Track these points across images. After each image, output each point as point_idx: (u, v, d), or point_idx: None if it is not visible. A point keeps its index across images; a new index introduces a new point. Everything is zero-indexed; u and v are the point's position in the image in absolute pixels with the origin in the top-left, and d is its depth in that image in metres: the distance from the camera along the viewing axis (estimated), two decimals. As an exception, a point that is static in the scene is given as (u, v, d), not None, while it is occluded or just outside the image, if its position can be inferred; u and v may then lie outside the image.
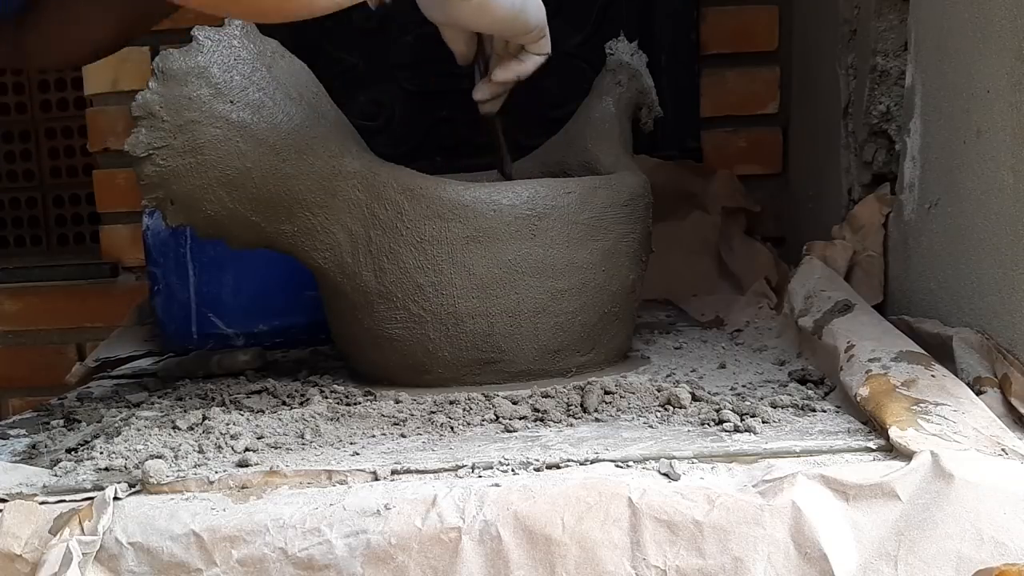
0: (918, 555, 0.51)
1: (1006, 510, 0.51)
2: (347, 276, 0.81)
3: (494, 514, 0.54)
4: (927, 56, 0.83)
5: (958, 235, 0.76)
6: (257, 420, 0.73)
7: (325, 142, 0.77)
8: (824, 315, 0.82)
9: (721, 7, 1.33)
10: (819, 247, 0.96)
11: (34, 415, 0.87)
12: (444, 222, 0.78)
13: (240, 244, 0.80)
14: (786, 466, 0.56)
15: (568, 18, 1.31)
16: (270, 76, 0.76)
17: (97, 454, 0.66)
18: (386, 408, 0.75)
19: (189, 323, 1.10)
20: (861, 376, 0.67)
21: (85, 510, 0.57)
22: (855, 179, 1.00)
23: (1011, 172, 0.67)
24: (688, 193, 1.28)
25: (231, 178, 0.75)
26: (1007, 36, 0.67)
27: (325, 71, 0.83)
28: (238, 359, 0.98)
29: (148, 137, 0.73)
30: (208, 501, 0.58)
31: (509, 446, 0.64)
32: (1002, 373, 0.66)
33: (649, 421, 0.68)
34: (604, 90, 0.97)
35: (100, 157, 1.43)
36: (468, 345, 0.80)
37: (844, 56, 1.02)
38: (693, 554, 0.53)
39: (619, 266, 0.84)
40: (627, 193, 0.84)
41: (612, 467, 0.59)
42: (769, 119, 1.34)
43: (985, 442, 0.56)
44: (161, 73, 0.73)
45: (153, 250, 1.10)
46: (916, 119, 0.86)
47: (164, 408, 0.82)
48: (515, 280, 0.79)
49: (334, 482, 0.59)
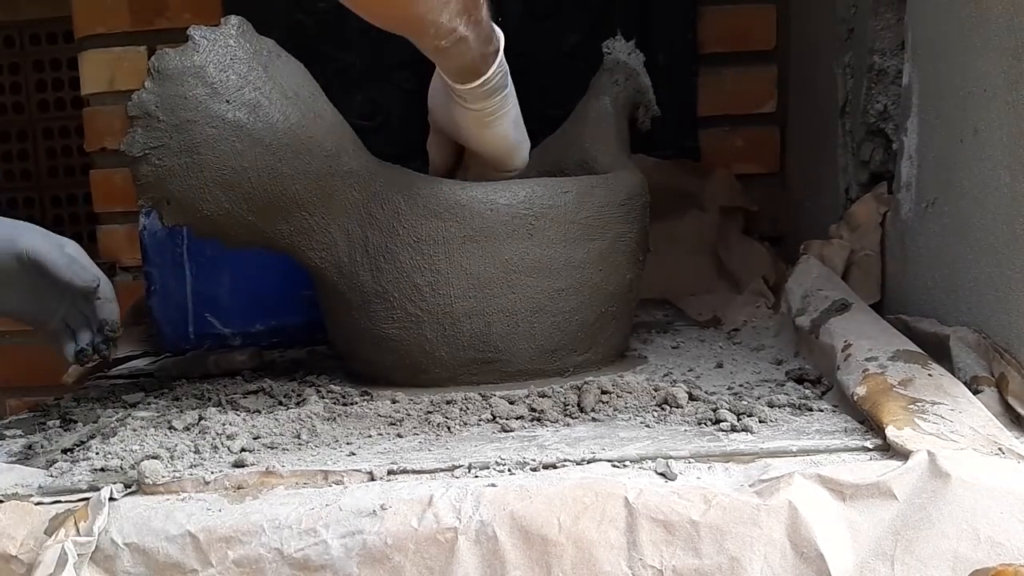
0: (915, 555, 0.51)
1: (1003, 510, 0.51)
2: (344, 276, 0.81)
3: (490, 514, 0.54)
4: (924, 55, 0.83)
5: (955, 234, 0.76)
6: (253, 420, 0.72)
7: (322, 142, 0.77)
8: (821, 314, 0.82)
9: (718, 6, 1.33)
10: (816, 246, 0.96)
11: (30, 415, 0.87)
12: (441, 222, 0.78)
13: (237, 244, 0.80)
14: (783, 466, 0.56)
15: (566, 17, 1.31)
16: (266, 76, 0.76)
17: (93, 454, 0.66)
18: (383, 408, 0.75)
19: (186, 323, 1.09)
20: (858, 375, 0.67)
21: (81, 511, 0.57)
22: (852, 178, 1.00)
23: (1008, 171, 0.67)
24: (686, 192, 1.28)
25: (227, 178, 0.75)
26: (1004, 35, 0.67)
27: (322, 70, 0.83)
28: (235, 359, 0.98)
29: (144, 137, 0.73)
30: (204, 502, 0.58)
31: (506, 446, 0.64)
32: (999, 372, 0.66)
33: (646, 421, 0.68)
34: (602, 89, 0.97)
35: (97, 157, 1.43)
36: (465, 345, 0.80)
37: (841, 55, 1.02)
38: (689, 554, 0.53)
39: (616, 265, 0.84)
40: (624, 192, 0.84)
41: (609, 467, 0.58)
42: (766, 118, 1.34)
43: (982, 441, 0.56)
44: (157, 73, 0.73)
45: (150, 250, 1.10)
46: (913, 118, 0.85)
47: (160, 408, 0.82)
48: (512, 280, 0.79)
49: (330, 482, 0.59)
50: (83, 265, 0.85)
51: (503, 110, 0.80)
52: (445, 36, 0.70)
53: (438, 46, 0.72)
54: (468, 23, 0.71)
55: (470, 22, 0.71)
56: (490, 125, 0.80)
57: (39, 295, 0.85)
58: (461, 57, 0.74)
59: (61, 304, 0.87)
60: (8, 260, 0.82)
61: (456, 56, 0.74)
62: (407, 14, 0.69)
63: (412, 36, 0.72)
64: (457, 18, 0.70)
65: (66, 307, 0.87)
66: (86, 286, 0.84)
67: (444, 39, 0.71)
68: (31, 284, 0.84)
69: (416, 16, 0.69)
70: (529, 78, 0.82)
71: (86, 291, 0.85)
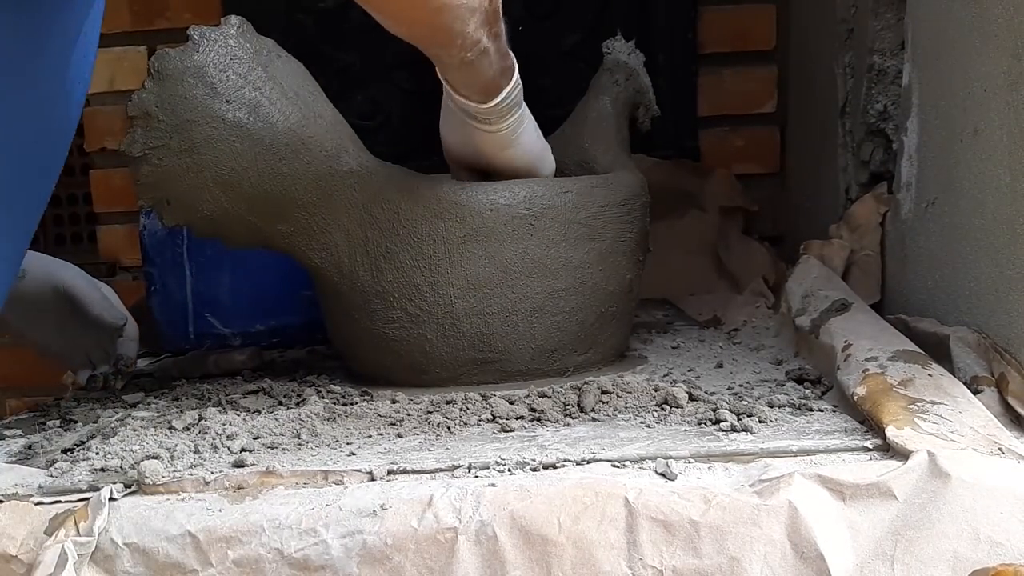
0: (915, 555, 0.51)
1: (1003, 510, 0.51)
2: (344, 276, 0.81)
3: (490, 514, 0.54)
4: (924, 55, 0.83)
5: (955, 234, 0.76)
6: (253, 420, 0.72)
7: (322, 142, 0.77)
8: (821, 314, 0.82)
9: (719, 6, 1.32)
10: (816, 246, 0.96)
11: (30, 415, 0.87)
12: (441, 222, 0.78)
13: (237, 244, 0.80)
14: (783, 466, 0.56)
15: (566, 17, 1.31)
16: (267, 75, 0.76)
17: (93, 454, 0.66)
18: (383, 408, 0.75)
19: (186, 323, 1.09)
20: (858, 375, 0.67)
21: (81, 511, 0.57)
22: (852, 178, 1.00)
23: (1008, 171, 0.67)
24: (685, 192, 1.28)
25: (227, 178, 0.75)
26: (1004, 35, 0.67)
27: (322, 70, 0.83)
28: (235, 359, 0.98)
29: (144, 137, 0.73)
30: (204, 502, 0.58)
31: (506, 446, 0.64)
32: (999, 372, 0.66)
33: (646, 421, 0.68)
34: (601, 89, 0.97)
35: (97, 157, 1.43)
36: (465, 345, 0.80)
37: (841, 55, 1.02)
38: (689, 554, 0.53)
39: (616, 265, 0.84)
40: (624, 192, 0.84)
41: (609, 467, 0.58)
42: (766, 118, 1.34)
43: (982, 441, 0.56)
44: (157, 73, 0.73)
45: (150, 250, 1.10)
46: (913, 118, 0.85)
47: (160, 408, 0.82)
48: (512, 280, 0.79)
49: (330, 482, 0.59)
50: (113, 304, 0.92)
51: (523, 126, 0.79)
52: (471, 47, 0.70)
53: (463, 58, 0.71)
54: (490, 35, 0.71)
55: (491, 34, 0.71)
56: (514, 144, 0.80)
57: (68, 329, 0.91)
58: (484, 72, 0.73)
59: (84, 338, 0.92)
60: (45, 291, 0.88)
61: (480, 71, 0.73)
62: (435, 23, 0.68)
63: (439, 47, 0.71)
64: (481, 29, 0.69)
65: (89, 342, 0.93)
66: (114, 323, 0.91)
67: (470, 50, 0.70)
68: (62, 317, 0.90)
69: (444, 26, 0.68)
70: (529, 78, 0.82)
71: (113, 327, 0.92)
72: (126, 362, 0.93)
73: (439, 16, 0.67)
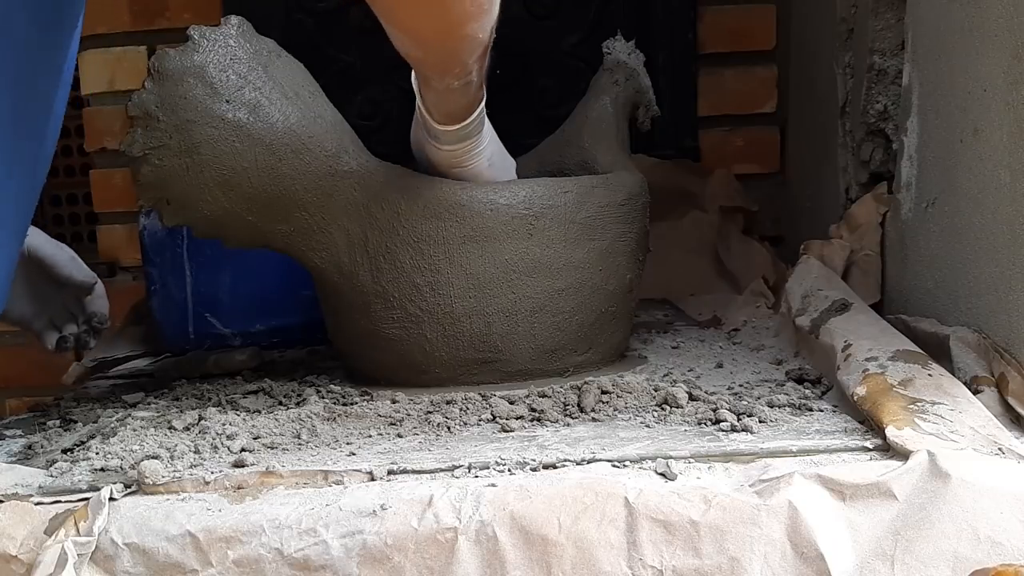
0: (915, 555, 0.51)
1: (1003, 510, 0.51)
2: (344, 276, 0.81)
3: (490, 514, 0.54)
4: (924, 55, 0.83)
5: (955, 234, 0.76)
6: (253, 420, 0.72)
7: (322, 142, 0.77)
8: (821, 314, 0.82)
9: (719, 6, 1.33)
10: (816, 246, 0.96)
11: (30, 415, 0.87)
12: (441, 222, 0.78)
13: (237, 244, 0.80)
14: (783, 466, 0.56)
15: (565, 17, 1.31)
16: (267, 75, 0.76)
17: (93, 454, 0.66)
18: (383, 408, 0.75)
19: (186, 323, 1.09)
20: (858, 375, 0.67)
21: (81, 511, 0.57)
22: (852, 178, 1.00)
23: (1008, 171, 0.67)
24: (686, 192, 1.28)
25: (227, 178, 0.75)
26: (1004, 35, 0.67)
27: (322, 70, 0.83)
28: (235, 359, 0.98)
29: (144, 137, 0.73)
30: (204, 502, 0.58)
31: (506, 446, 0.64)
32: (999, 372, 0.66)
33: (646, 421, 0.68)
34: (601, 89, 0.97)
35: (97, 157, 1.43)
36: (465, 345, 0.80)
37: (841, 55, 1.02)
38: (689, 554, 0.53)
39: (616, 265, 0.84)
40: (624, 192, 0.84)
41: (609, 467, 0.58)
42: (766, 118, 1.34)
43: (982, 441, 0.56)
44: (157, 73, 0.73)
45: (150, 250, 1.10)
46: (913, 118, 0.85)
47: (160, 408, 0.82)
48: (512, 280, 0.79)
49: (330, 482, 0.59)
50: (81, 263, 0.92)
51: (475, 150, 0.80)
52: (463, 76, 0.71)
53: (450, 86, 0.72)
54: (478, 69, 0.72)
55: (479, 68, 0.72)
56: (462, 164, 0.80)
57: (34, 292, 0.91)
58: (459, 100, 0.75)
59: (52, 302, 0.92)
60: None
61: (457, 99, 0.74)
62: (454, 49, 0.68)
63: (439, 72, 0.71)
64: (477, 62, 0.70)
65: (56, 305, 0.93)
66: (84, 281, 0.92)
67: (461, 79, 0.71)
68: (29, 281, 0.89)
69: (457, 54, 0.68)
70: (529, 78, 0.82)
71: (83, 286, 0.92)
72: (100, 319, 0.93)
73: (460, 43, 0.67)
